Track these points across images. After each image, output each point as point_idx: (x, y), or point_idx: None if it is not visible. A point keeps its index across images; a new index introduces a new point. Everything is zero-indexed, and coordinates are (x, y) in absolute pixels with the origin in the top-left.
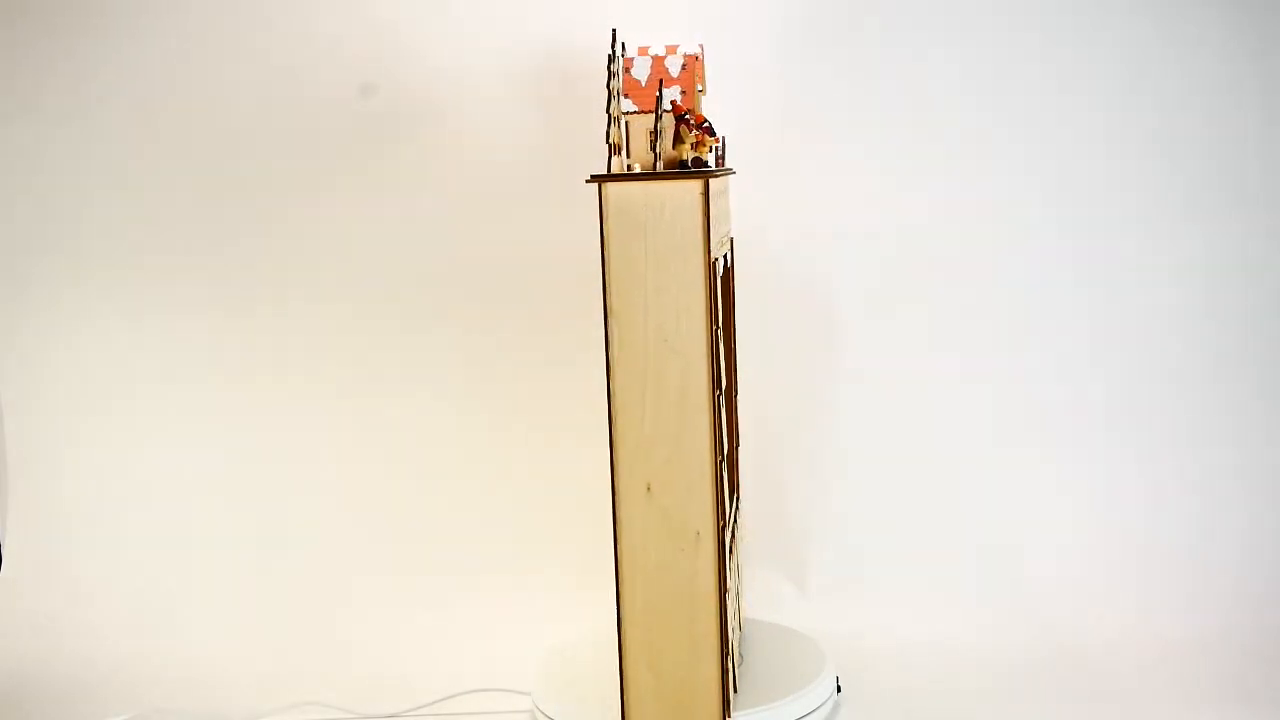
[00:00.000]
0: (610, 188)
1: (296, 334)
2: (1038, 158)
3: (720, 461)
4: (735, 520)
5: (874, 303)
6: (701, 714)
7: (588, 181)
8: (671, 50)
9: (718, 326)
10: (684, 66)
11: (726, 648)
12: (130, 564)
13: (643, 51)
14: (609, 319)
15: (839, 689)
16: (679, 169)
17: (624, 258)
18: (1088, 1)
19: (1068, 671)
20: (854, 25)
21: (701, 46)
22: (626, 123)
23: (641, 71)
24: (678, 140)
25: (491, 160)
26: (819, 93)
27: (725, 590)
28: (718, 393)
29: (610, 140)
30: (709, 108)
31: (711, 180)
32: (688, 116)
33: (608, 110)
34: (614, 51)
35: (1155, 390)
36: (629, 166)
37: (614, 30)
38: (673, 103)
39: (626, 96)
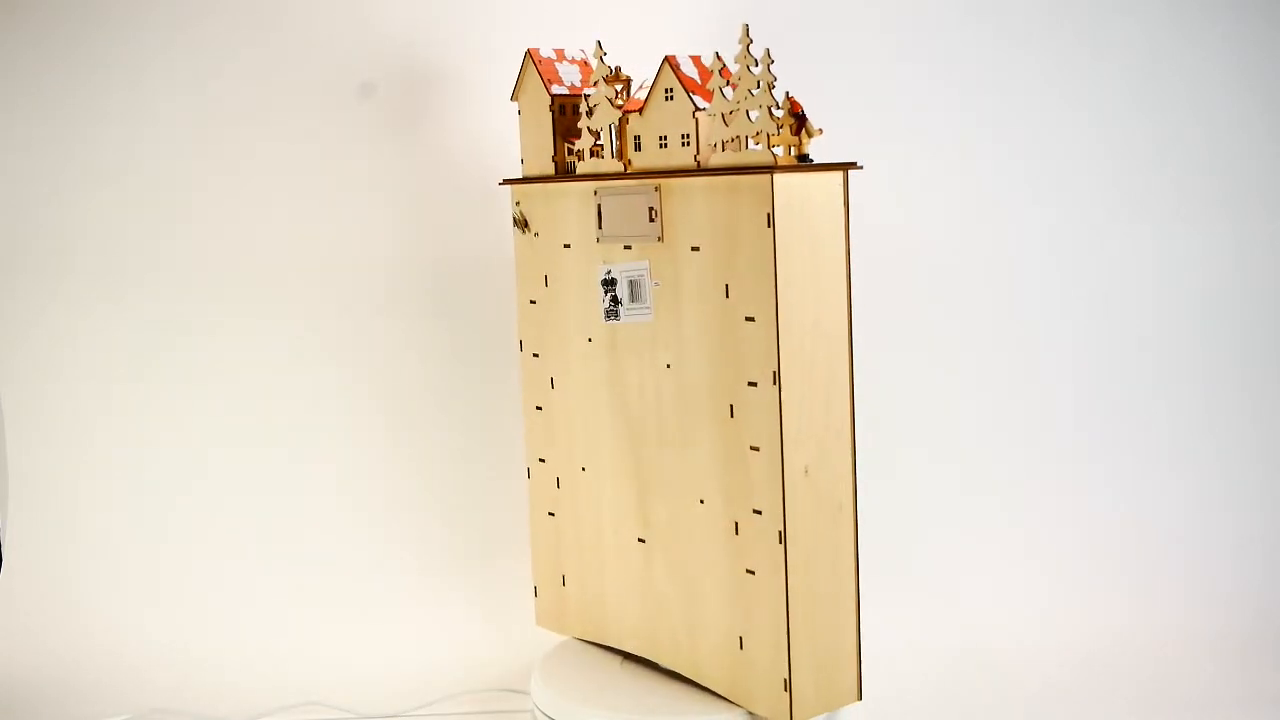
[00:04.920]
0: (779, 178)
1: (297, 337)
2: (1032, 161)
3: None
4: None
5: (872, 303)
6: (843, 676)
7: (747, 173)
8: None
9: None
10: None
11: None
12: (130, 565)
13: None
14: (780, 308)
15: None
16: (803, 162)
17: (789, 247)
18: (1086, 5)
19: (1068, 673)
20: (851, 26)
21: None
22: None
23: (690, 69)
24: (800, 133)
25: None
26: (812, 94)
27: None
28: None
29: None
30: None
31: None
32: (803, 113)
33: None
34: (749, 49)
35: (1152, 392)
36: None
37: (745, 25)
38: (790, 98)
39: (696, 93)
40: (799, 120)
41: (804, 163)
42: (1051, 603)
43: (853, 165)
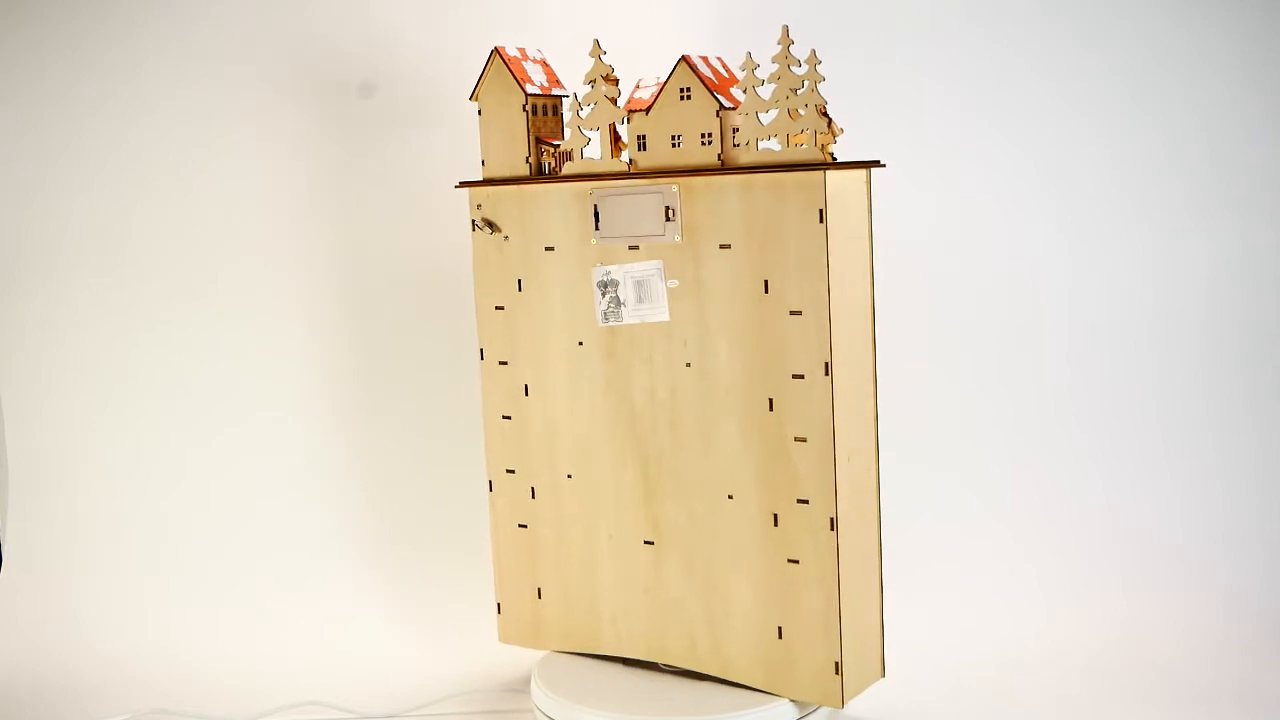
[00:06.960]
0: (831, 175)
1: (292, 339)
2: (1038, 161)
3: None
4: None
5: (878, 303)
6: (872, 654)
7: (797, 170)
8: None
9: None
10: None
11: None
12: (130, 565)
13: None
14: (832, 299)
15: None
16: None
17: (835, 242)
18: (1090, 6)
19: (1068, 672)
20: (854, 27)
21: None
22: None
23: (705, 69)
24: (826, 133)
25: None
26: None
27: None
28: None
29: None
30: None
31: None
32: (828, 113)
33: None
34: (790, 49)
35: (1154, 392)
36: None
37: (785, 26)
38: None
39: (718, 93)
40: (826, 120)
41: (834, 161)
42: (1051, 603)
43: (876, 163)
